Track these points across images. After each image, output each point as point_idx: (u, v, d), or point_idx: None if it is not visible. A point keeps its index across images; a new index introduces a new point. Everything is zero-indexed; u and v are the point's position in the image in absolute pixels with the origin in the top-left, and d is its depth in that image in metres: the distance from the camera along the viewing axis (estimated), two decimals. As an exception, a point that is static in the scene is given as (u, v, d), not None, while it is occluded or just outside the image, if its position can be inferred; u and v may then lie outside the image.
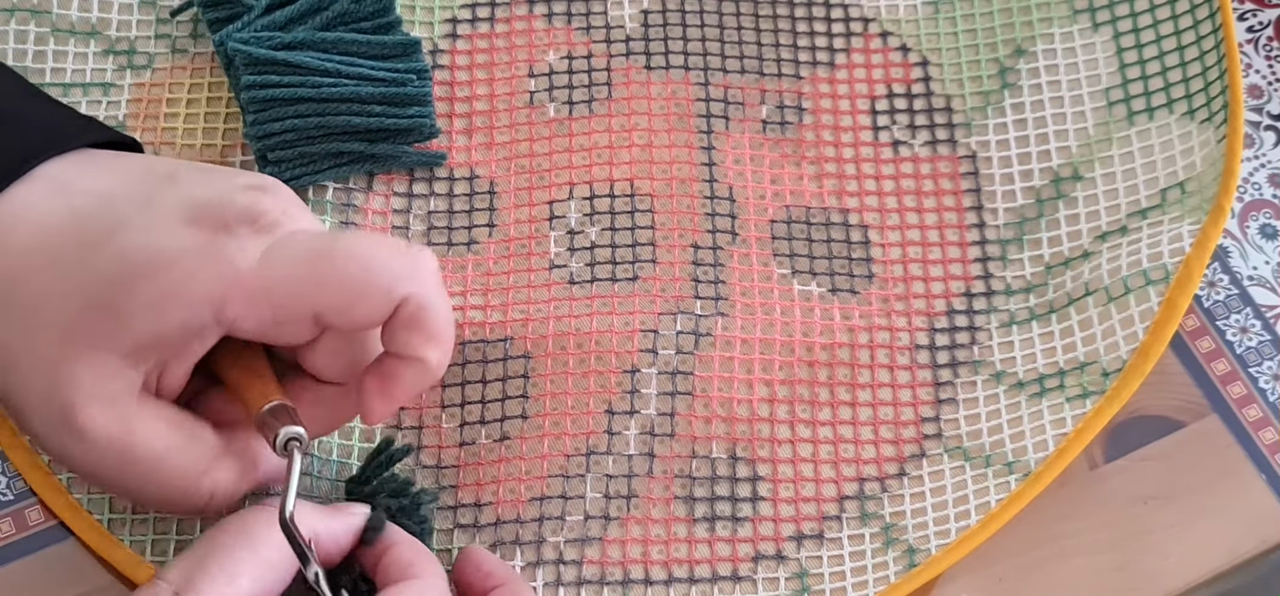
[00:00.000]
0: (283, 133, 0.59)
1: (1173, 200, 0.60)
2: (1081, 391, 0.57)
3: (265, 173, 0.58)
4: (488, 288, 0.59)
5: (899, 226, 0.61)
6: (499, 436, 0.57)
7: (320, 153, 0.59)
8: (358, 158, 0.60)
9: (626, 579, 0.54)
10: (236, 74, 0.59)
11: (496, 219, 0.61)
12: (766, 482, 0.56)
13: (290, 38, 0.59)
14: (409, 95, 0.60)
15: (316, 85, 0.58)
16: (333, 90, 0.59)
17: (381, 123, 0.59)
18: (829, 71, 0.64)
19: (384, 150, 0.60)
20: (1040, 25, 0.64)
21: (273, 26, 0.59)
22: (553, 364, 0.58)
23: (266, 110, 0.58)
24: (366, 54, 0.60)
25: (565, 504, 0.55)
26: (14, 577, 0.53)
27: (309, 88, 0.58)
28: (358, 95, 0.59)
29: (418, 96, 0.60)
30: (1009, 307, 0.60)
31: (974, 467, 0.56)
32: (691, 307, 0.59)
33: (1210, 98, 0.61)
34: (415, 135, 0.61)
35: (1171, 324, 0.57)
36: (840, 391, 0.58)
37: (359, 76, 0.59)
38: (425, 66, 0.61)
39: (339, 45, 0.60)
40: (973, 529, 0.55)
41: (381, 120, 0.59)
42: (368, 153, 0.60)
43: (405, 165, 0.61)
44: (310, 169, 0.59)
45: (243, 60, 0.58)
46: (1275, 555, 0.56)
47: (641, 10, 0.65)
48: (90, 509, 0.54)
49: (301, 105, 0.58)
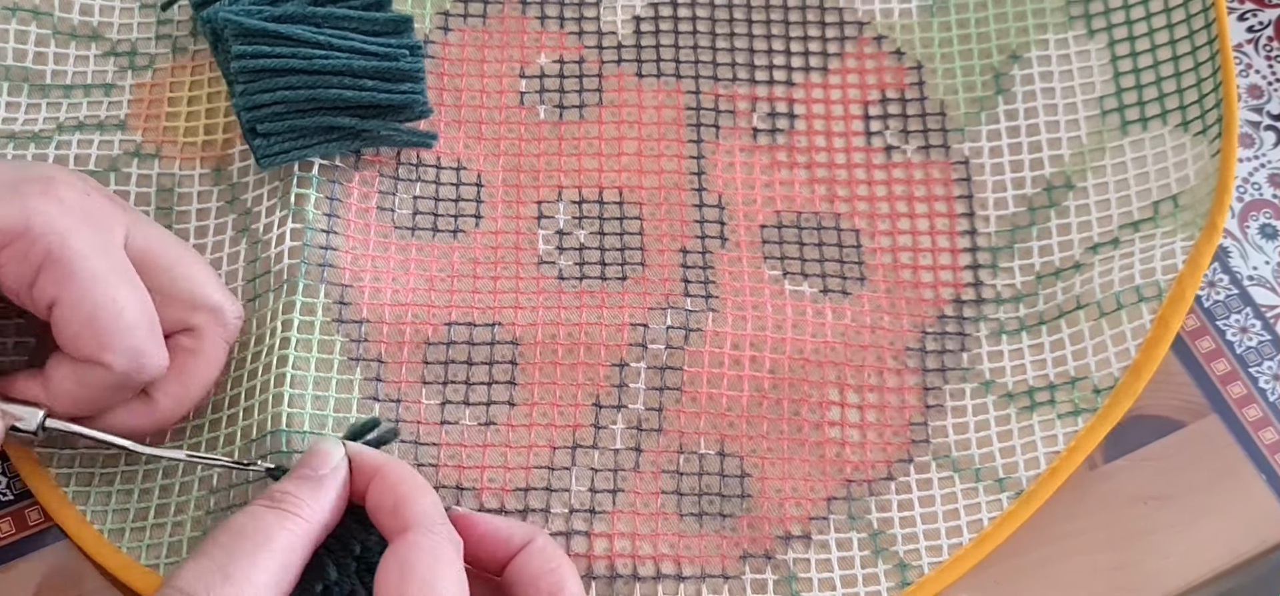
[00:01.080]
0: (272, 104, 0.58)
1: (1165, 213, 0.59)
2: (1073, 408, 0.56)
3: (254, 144, 0.58)
4: (475, 275, 0.59)
5: (890, 231, 0.61)
6: (484, 420, 0.56)
7: (311, 126, 0.58)
8: (348, 133, 0.59)
9: (613, 574, 0.53)
10: (225, 48, 0.58)
11: (483, 212, 0.60)
12: (754, 481, 0.55)
13: (281, 10, 0.59)
14: (402, 70, 0.59)
15: (308, 57, 0.58)
16: (325, 62, 0.58)
17: (374, 97, 0.58)
18: (822, 76, 0.64)
19: (375, 126, 0.59)
20: (1035, 31, 0.64)
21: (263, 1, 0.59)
22: (541, 353, 0.57)
23: (256, 80, 0.57)
24: (359, 29, 0.59)
25: (550, 496, 0.55)
26: (14, 577, 0.53)
27: (300, 59, 0.57)
28: (350, 68, 0.58)
29: (411, 72, 0.59)
30: (999, 316, 0.59)
31: (964, 480, 0.56)
32: (681, 304, 0.58)
33: (1204, 110, 0.60)
34: (407, 113, 0.60)
35: (1164, 342, 0.56)
36: (829, 392, 0.57)
37: (352, 50, 0.59)
38: (418, 43, 0.60)
39: (330, 20, 0.59)
40: (966, 548, 0.54)
41: (374, 95, 0.58)
42: (359, 128, 0.59)
43: (396, 143, 0.60)
44: (300, 143, 0.58)
45: (233, 30, 0.58)
46: (1275, 555, 0.55)
47: (634, 17, 0.65)
48: (92, 521, 0.54)
49: (293, 77, 0.57)
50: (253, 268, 0.58)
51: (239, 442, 0.54)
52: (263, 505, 0.47)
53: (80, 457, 0.55)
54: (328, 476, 0.49)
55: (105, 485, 0.55)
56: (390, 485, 0.49)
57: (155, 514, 0.54)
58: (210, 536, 0.47)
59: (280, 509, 0.47)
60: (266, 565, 0.46)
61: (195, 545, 0.51)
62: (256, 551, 0.46)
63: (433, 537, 0.47)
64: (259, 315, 0.57)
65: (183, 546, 0.53)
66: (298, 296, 0.56)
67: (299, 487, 0.48)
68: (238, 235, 0.59)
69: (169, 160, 0.60)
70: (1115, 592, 0.54)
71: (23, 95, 0.61)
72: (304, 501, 0.48)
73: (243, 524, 0.47)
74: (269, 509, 0.47)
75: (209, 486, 0.54)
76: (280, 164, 0.58)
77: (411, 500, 0.48)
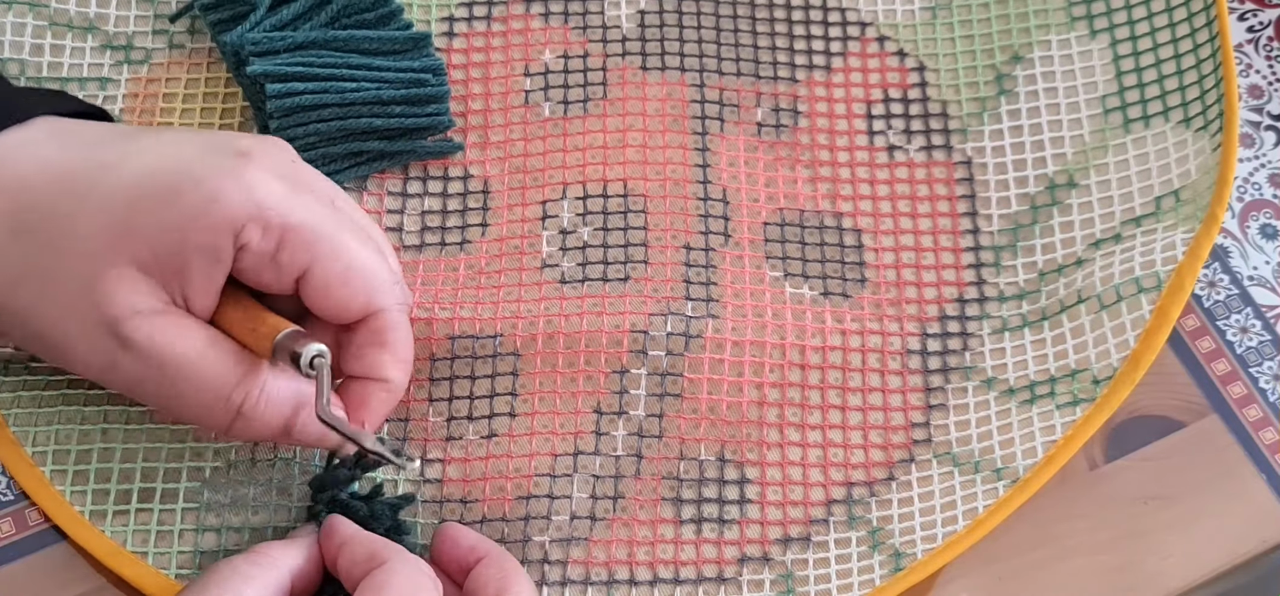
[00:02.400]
0: (305, 137, 0.59)
1: (1167, 208, 0.59)
2: (1072, 398, 0.56)
3: None
4: (479, 286, 0.59)
5: (893, 231, 0.61)
6: (487, 434, 0.56)
7: (341, 153, 0.60)
8: (376, 155, 0.60)
9: (612, 579, 0.53)
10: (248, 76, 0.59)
11: (490, 218, 0.60)
12: (754, 485, 0.56)
13: (302, 38, 0.59)
14: (428, 94, 0.60)
15: (340, 91, 0.59)
16: (355, 94, 0.59)
17: (401, 123, 0.60)
18: (825, 75, 0.64)
19: (401, 147, 0.60)
20: (1037, 32, 0.64)
21: (279, 25, 0.60)
22: (542, 363, 0.57)
23: (290, 116, 0.59)
24: (377, 51, 0.60)
25: (552, 503, 0.55)
26: (14, 577, 0.53)
27: (333, 94, 0.59)
28: (379, 98, 0.59)
29: (436, 95, 0.61)
30: (1002, 314, 0.59)
31: (963, 473, 0.56)
32: (682, 309, 0.58)
33: (1206, 106, 0.60)
34: (430, 131, 0.61)
35: (1163, 332, 0.56)
36: (830, 395, 0.57)
37: (379, 80, 0.60)
38: (440, 63, 0.61)
39: (350, 43, 0.60)
40: (959, 533, 0.54)
41: (402, 120, 0.60)
42: (386, 151, 0.60)
43: (421, 158, 0.61)
44: (331, 169, 0.59)
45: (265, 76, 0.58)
46: (1275, 555, 0.55)
47: (638, 11, 0.65)
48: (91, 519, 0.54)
49: (325, 110, 0.59)
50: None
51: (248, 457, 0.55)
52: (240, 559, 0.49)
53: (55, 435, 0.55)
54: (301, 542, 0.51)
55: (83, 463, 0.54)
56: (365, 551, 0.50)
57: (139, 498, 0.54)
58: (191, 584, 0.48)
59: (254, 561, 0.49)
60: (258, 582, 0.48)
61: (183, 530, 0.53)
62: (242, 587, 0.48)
63: (408, 565, 0.48)
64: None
65: (173, 538, 0.54)
66: None
67: (271, 546, 0.50)
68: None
69: None
70: (1115, 592, 0.54)
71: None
72: (278, 556, 0.50)
73: (220, 569, 0.48)
74: (245, 562, 0.49)
75: (201, 478, 0.54)
76: None
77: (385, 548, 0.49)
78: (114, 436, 0.55)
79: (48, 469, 0.54)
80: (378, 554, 0.49)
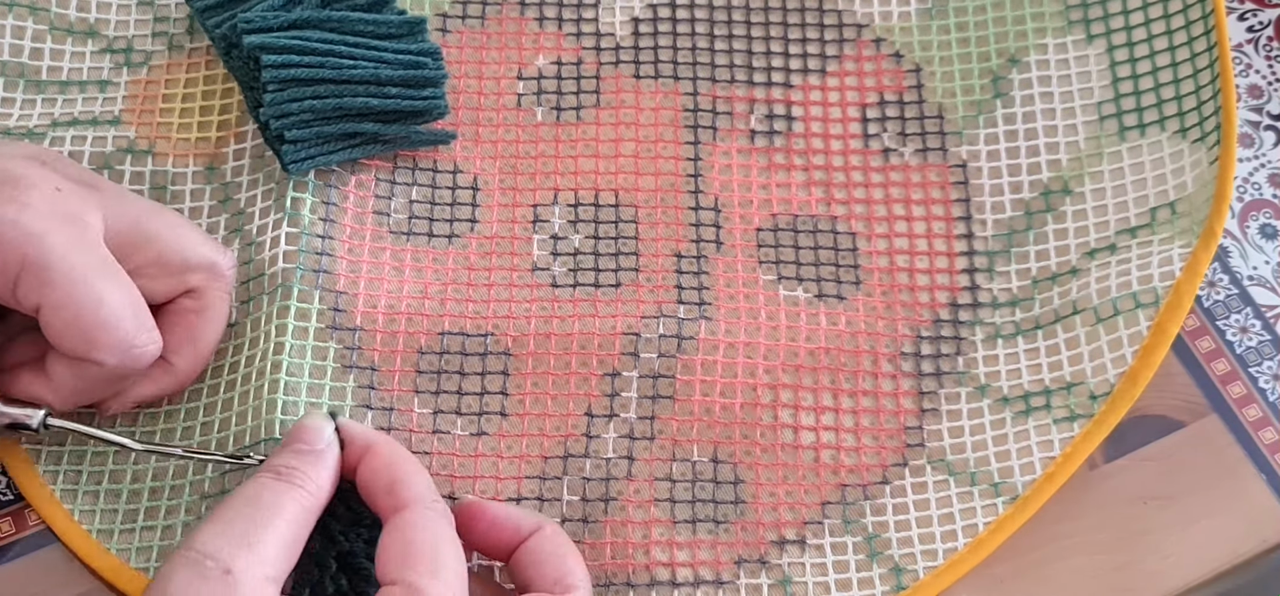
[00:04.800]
0: (300, 113, 0.58)
1: (1163, 220, 0.59)
2: (1068, 414, 0.56)
3: (282, 150, 0.58)
4: (469, 282, 0.58)
5: (887, 234, 0.61)
6: (475, 431, 0.55)
7: (336, 132, 0.59)
8: (371, 138, 0.60)
9: (607, 582, 0.53)
10: (240, 56, 0.59)
11: (479, 216, 0.60)
12: (748, 486, 0.55)
13: (298, 16, 0.59)
14: (425, 77, 0.60)
15: (337, 66, 0.58)
16: (352, 71, 0.58)
17: (397, 105, 0.59)
18: (820, 78, 0.64)
19: (396, 131, 0.60)
20: (1034, 35, 0.63)
21: (275, 7, 0.59)
22: (533, 363, 0.57)
23: (285, 90, 0.58)
24: (373, 34, 0.60)
25: (542, 505, 0.54)
26: (14, 577, 0.53)
27: (329, 69, 0.58)
28: (377, 77, 0.59)
29: (434, 78, 0.60)
30: (995, 321, 0.59)
31: (959, 484, 0.55)
32: (674, 311, 0.58)
33: (1203, 117, 0.60)
34: (426, 116, 0.60)
35: (1161, 349, 0.56)
36: (823, 396, 0.57)
37: (377, 59, 0.59)
38: (436, 47, 0.60)
39: (346, 24, 0.60)
40: (961, 554, 0.54)
41: (398, 102, 0.59)
42: (381, 135, 0.60)
43: (415, 145, 0.61)
44: (325, 149, 0.59)
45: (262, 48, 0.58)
46: (1275, 555, 0.55)
47: (632, 18, 0.64)
48: (80, 520, 0.54)
49: (320, 86, 0.58)
50: (246, 269, 0.57)
51: (232, 447, 0.54)
52: (270, 478, 0.48)
53: (68, 455, 0.55)
54: (324, 451, 0.50)
55: (93, 484, 0.54)
56: (384, 463, 0.49)
57: (145, 516, 0.54)
58: (225, 502, 0.47)
59: (288, 481, 0.48)
60: (280, 534, 0.47)
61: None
62: (271, 520, 0.47)
63: (432, 514, 0.48)
64: (253, 318, 0.56)
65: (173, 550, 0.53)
66: (292, 302, 0.56)
67: (301, 462, 0.49)
68: (231, 235, 0.58)
69: (162, 157, 0.60)
70: (1115, 592, 0.54)
71: (18, 91, 0.61)
72: (308, 475, 0.48)
73: (255, 493, 0.47)
74: (277, 481, 0.48)
75: (201, 491, 0.54)
76: (307, 169, 0.58)
77: (408, 481, 0.49)
78: (124, 457, 0.55)
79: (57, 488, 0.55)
80: (398, 488, 0.48)
